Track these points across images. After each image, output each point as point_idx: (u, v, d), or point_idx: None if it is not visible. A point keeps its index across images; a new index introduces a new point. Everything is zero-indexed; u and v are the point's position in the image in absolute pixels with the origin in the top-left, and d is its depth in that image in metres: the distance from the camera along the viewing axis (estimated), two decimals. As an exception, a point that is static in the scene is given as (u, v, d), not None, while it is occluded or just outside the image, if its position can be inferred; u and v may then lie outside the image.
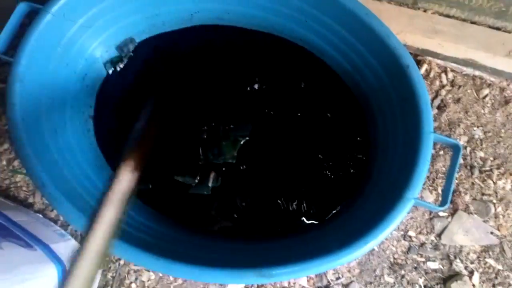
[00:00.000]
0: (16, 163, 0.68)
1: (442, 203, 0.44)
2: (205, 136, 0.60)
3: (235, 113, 0.61)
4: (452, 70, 0.66)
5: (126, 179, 0.41)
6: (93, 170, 0.56)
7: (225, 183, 0.58)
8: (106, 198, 0.39)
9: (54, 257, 0.52)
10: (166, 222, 0.55)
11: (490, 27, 0.58)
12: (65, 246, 0.57)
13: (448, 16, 0.59)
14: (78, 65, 0.58)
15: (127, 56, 0.62)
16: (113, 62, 0.62)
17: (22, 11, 0.53)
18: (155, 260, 0.39)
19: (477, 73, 0.65)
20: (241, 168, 0.58)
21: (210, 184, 0.57)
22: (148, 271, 0.64)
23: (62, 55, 0.55)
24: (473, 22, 0.59)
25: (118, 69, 0.62)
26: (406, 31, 0.58)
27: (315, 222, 0.55)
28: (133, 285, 0.63)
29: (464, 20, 0.58)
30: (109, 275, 0.64)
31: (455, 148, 0.45)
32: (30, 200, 0.67)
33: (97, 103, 0.62)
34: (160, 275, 0.64)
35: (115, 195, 0.40)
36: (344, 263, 0.42)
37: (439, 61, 0.65)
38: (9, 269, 0.43)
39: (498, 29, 0.59)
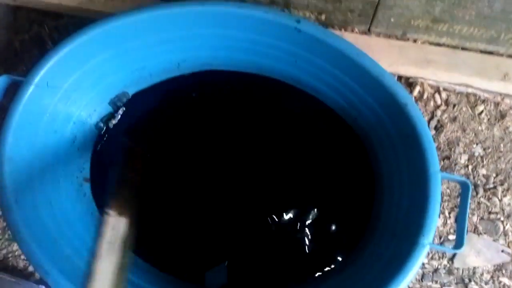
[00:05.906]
0: (11, 230, 0.66)
1: (458, 245, 0.43)
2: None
3: (233, 157, 0.60)
4: (445, 89, 0.66)
5: (114, 223, 0.42)
6: (93, 238, 0.54)
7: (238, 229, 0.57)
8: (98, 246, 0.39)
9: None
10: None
11: (482, 51, 0.58)
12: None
13: (438, 44, 0.58)
14: (67, 130, 0.56)
15: (120, 111, 0.61)
16: (104, 120, 0.60)
17: (3, 84, 0.51)
18: None
19: (470, 90, 0.65)
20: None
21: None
22: None
23: (49, 123, 0.54)
24: (464, 48, 0.58)
25: (111, 126, 0.60)
26: (398, 63, 0.57)
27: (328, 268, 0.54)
28: None
29: (455, 47, 0.57)
30: None
31: (464, 186, 0.44)
32: (30, 269, 0.64)
33: (91, 164, 0.60)
34: None
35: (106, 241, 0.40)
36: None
37: (431, 82, 0.65)
38: None
39: (490, 53, 0.59)
